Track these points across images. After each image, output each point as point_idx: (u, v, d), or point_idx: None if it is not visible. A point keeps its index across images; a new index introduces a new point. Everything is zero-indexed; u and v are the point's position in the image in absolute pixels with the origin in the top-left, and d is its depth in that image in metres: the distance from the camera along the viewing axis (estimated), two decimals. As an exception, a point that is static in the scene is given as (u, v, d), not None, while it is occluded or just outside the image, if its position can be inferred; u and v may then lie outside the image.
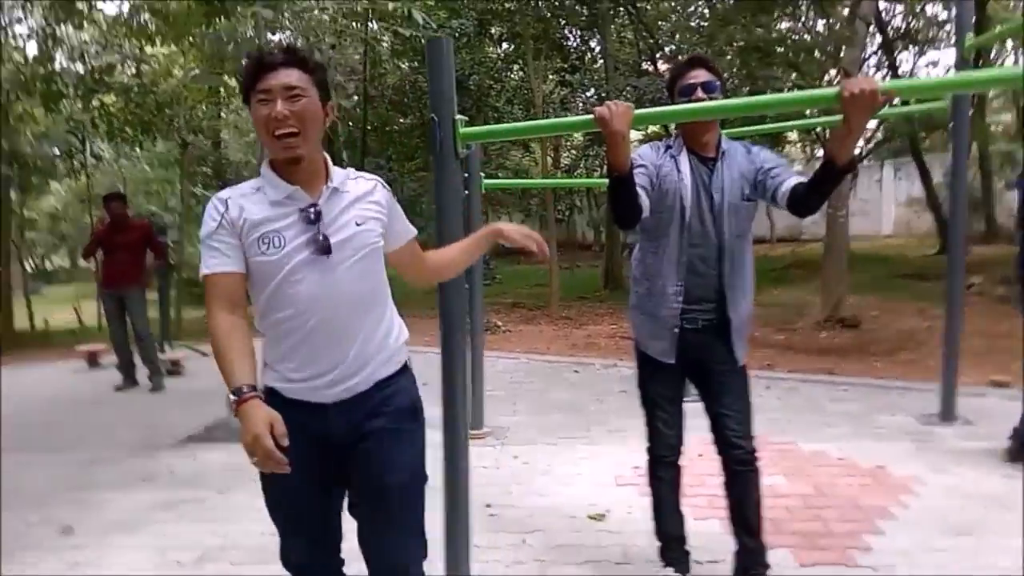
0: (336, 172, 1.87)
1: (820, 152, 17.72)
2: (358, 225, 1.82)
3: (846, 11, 10.56)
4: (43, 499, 4.21)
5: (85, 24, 10.51)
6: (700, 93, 2.44)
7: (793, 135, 17.88)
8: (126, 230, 7.29)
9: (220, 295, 1.75)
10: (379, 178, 1.94)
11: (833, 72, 12.41)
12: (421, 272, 2.10)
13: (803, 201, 2.31)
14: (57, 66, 11.52)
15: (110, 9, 10.76)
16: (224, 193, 1.83)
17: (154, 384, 7.37)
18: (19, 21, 11.55)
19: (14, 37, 11.83)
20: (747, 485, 2.66)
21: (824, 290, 9.64)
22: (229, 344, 1.69)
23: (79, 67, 11.66)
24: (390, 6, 6.37)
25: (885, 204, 20.77)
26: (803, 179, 2.37)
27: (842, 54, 9.99)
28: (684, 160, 2.52)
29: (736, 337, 2.59)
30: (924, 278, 12.05)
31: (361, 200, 1.86)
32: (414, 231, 2.04)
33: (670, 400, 2.71)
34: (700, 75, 2.47)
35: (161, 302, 9.93)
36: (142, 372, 7.46)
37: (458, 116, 2.28)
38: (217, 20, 5.98)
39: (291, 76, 1.74)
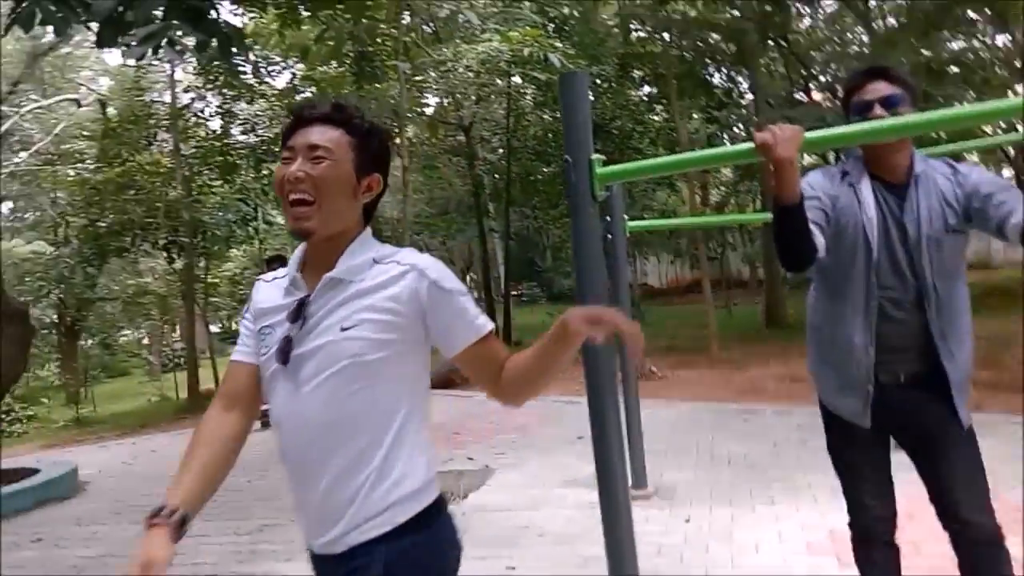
0: (356, 254, 1.46)
1: (1007, 173, 16.06)
2: (343, 330, 1.39)
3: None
4: (214, 571, 4.26)
5: (255, 99, 11.43)
6: (879, 110, 2.05)
7: (973, 156, 16.33)
8: (286, 292, 7.64)
9: (224, 385, 1.57)
10: (426, 262, 1.45)
11: (1020, 87, 11.31)
12: (497, 386, 1.48)
13: None
14: (232, 139, 12.64)
15: (279, 82, 11.70)
16: (265, 274, 1.64)
17: (317, 442, 7.57)
18: (201, 99, 12.81)
19: (196, 115, 13.07)
20: (993, 567, 2.15)
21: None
22: (190, 450, 1.46)
23: (251, 139, 12.71)
24: (525, 51, 6.36)
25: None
26: None
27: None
28: (866, 187, 2.12)
29: (956, 393, 2.10)
30: None
31: (368, 294, 1.42)
32: (481, 330, 1.45)
33: (872, 466, 2.26)
34: (879, 88, 2.08)
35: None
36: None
37: (595, 156, 2.07)
38: (366, 84, 6.22)
39: (324, 135, 1.43)
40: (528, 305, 26.38)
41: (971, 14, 11.52)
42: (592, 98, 13.32)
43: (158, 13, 2.69)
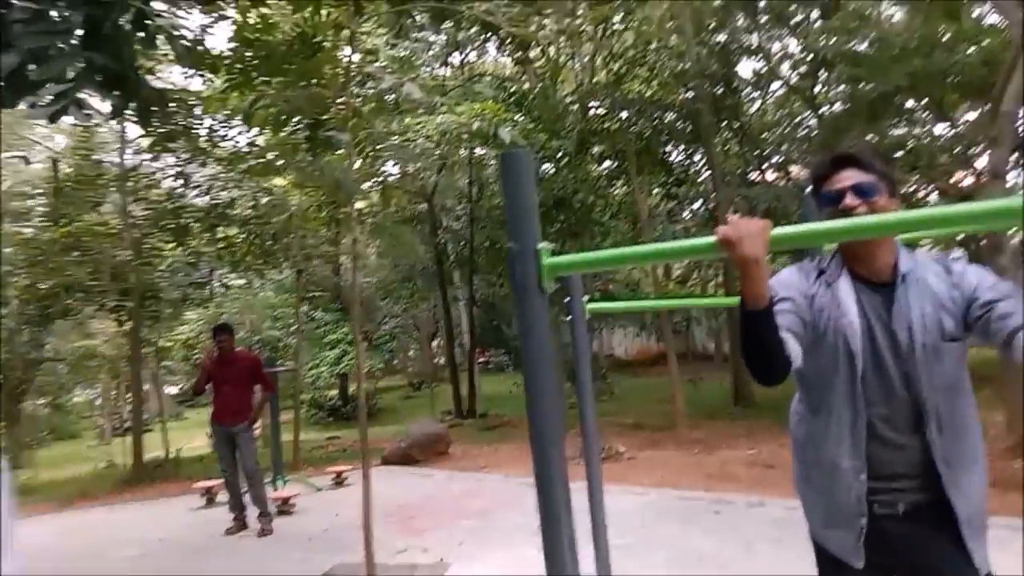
0: None
1: (956, 253, 16.40)
2: None
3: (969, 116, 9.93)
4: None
5: (207, 162, 11.18)
6: (851, 199, 1.83)
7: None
8: (234, 363, 7.21)
9: None
10: None
11: (961, 174, 11.74)
12: None
13: None
14: (186, 202, 12.32)
15: (229, 146, 11.37)
16: None
17: (262, 526, 7.03)
18: (155, 159, 12.48)
19: (147, 176, 12.79)
20: None
21: (1009, 408, 7.52)
22: None
23: (205, 201, 12.38)
24: (474, 126, 6.20)
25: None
26: None
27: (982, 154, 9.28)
28: (846, 287, 1.88)
29: (967, 530, 1.80)
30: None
31: None
32: None
33: None
34: (850, 176, 1.87)
35: (273, 436, 9.83)
36: (253, 511, 7.17)
37: (542, 244, 1.82)
38: (320, 152, 6.01)
39: None
40: (495, 373, 25.98)
41: (910, 103, 12.05)
42: (553, 171, 13.46)
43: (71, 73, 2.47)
